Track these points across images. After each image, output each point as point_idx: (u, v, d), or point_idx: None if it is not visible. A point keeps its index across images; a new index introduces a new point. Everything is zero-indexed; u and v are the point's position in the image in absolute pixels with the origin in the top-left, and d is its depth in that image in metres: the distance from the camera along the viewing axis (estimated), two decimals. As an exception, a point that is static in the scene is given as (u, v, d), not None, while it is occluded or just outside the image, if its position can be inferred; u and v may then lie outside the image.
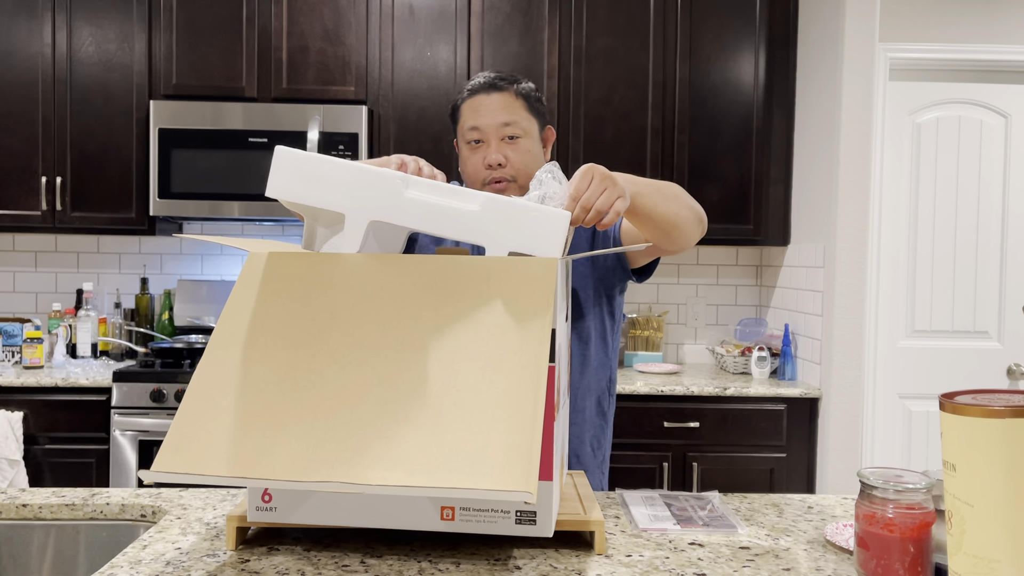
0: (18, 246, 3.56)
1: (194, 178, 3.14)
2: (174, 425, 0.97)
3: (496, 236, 1.13)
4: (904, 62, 3.22)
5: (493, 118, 1.55)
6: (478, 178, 1.56)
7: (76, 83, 3.19)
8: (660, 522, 1.28)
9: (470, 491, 0.89)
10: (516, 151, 1.55)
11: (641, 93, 3.27)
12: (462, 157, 1.61)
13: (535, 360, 0.99)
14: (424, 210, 1.14)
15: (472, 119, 1.56)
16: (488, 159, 1.54)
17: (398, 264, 1.12)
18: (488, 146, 1.55)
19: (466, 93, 1.60)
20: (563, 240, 1.12)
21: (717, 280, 3.67)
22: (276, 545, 1.16)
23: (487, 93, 1.56)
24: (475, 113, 1.56)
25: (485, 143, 1.55)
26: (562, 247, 1.12)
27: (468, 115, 1.57)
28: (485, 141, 1.55)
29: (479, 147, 1.56)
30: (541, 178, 1.26)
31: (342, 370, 1.01)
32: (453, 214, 1.13)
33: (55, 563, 1.32)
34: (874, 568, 1.02)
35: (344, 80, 3.22)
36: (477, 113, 1.56)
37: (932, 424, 3.27)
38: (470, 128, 1.56)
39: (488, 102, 1.56)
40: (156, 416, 2.89)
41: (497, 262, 1.10)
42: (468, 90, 1.59)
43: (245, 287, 1.10)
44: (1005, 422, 0.80)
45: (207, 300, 3.47)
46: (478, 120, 1.55)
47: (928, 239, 3.27)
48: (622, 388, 2.95)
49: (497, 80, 1.57)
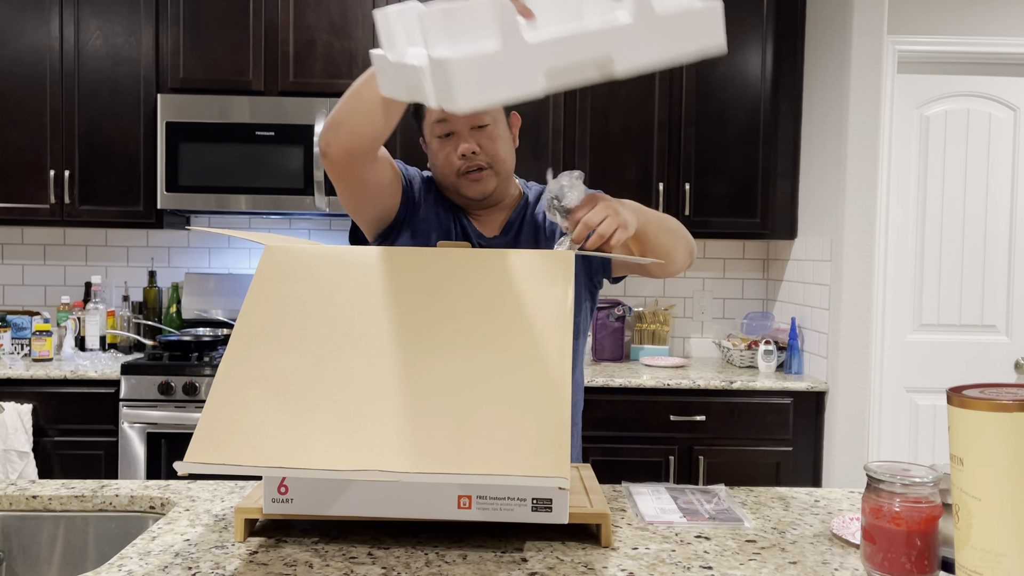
0: (27, 239, 3.57)
1: (201, 172, 3.15)
2: (204, 416, 0.98)
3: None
4: (912, 55, 3.20)
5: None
6: (451, 170, 1.54)
7: (84, 77, 3.20)
8: (666, 515, 1.29)
9: (505, 478, 0.90)
10: (488, 138, 1.53)
11: (648, 85, 3.26)
12: (432, 152, 1.58)
13: (559, 350, 1.01)
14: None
15: (438, 113, 1.52)
16: (460, 149, 1.52)
17: (416, 258, 1.13)
18: (459, 136, 1.52)
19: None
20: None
21: (724, 274, 3.67)
22: (284, 537, 1.16)
23: None
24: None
25: (455, 134, 1.53)
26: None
27: (433, 110, 1.51)
28: (455, 132, 1.53)
29: (449, 140, 1.53)
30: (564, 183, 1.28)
31: (368, 362, 1.02)
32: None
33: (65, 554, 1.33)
34: (880, 561, 1.02)
35: (351, 73, 3.22)
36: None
37: (939, 418, 3.27)
38: (437, 121, 1.53)
39: None
40: (164, 409, 2.90)
41: (514, 255, 1.11)
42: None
43: (265, 280, 1.11)
44: (1013, 416, 0.80)
45: (215, 293, 3.48)
46: (444, 112, 1.50)
47: (936, 233, 3.26)
48: (628, 381, 2.96)
49: None
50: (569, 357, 1.00)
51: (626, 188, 3.26)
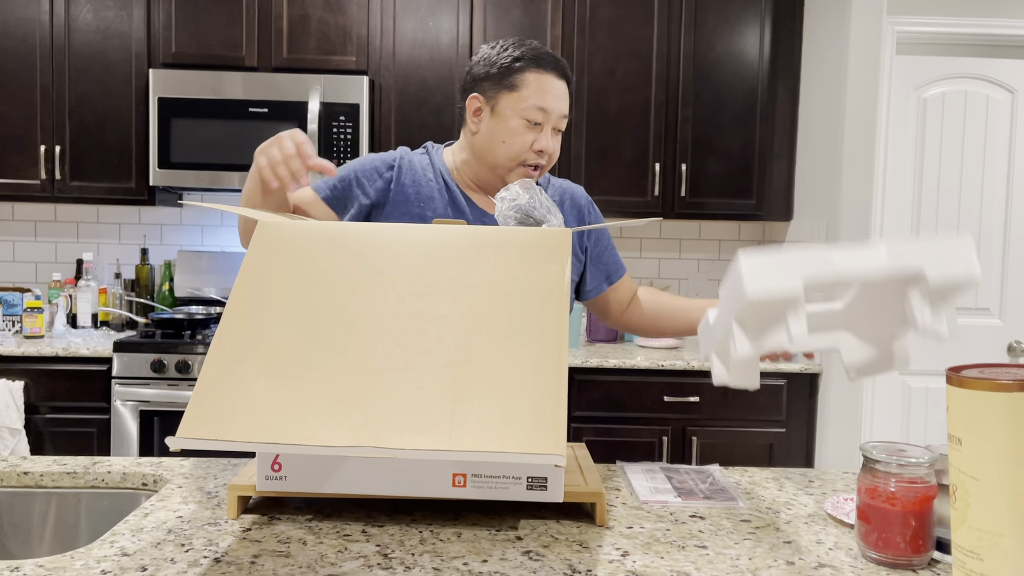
0: (17, 215, 3.54)
1: (194, 148, 3.12)
2: (196, 392, 0.97)
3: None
4: (911, 36, 3.18)
5: (559, 106, 1.49)
6: (518, 155, 1.50)
7: (74, 51, 3.16)
8: (661, 494, 1.28)
9: (501, 455, 0.90)
10: (557, 143, 1.52)
11: (645, 65, 3.23)
12: (504, 128, 1.49)
13: (555, 327, 1.00)
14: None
15: (542, 98, 1.47)
16: (539, 144, 1.49)
17: (412, 234, 1.12)
18: (543, 131, 1.49)
19: (530, 63, 1.48)
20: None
21: (719, 255, 3.66)
22: (277, 515, 1.16)
23: (557, 77, 1.49)
24: (545, 93, 1.48)
25: (541, 127, 1.49)
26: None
27: (538, 90, 1.47)
28: (542, 125, 1.49)
29: (533, 128, 1.49)
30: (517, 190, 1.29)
31: (363, 339, 1.01)
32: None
33: (56, 530, 1.33)
34: (875, 541, 1.02)
35: (345, 50, 3.19)
36: (548, 94, 1.48)
37: (932, 400, 3.28)
38: (537, 107, 1.47)
39: (558, 87, 1.49)
40: (157, 387, 2.89)
41: (512, 233, 1.10)
42: (532, 59, 1.48)
43: (258, 255, 1.10)
44: (1012, 396, 0.79)
45: (207, 271, 3.46)
46: (548, 102, 1.48)
47: (932, 215, 3.25)
48: (622, 362, 2.96)
49: (563, 67, 1.51)
50: (566, 335, 0.99)
51: (622, 168, 3.25)
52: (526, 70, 1.48)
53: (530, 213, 1.29)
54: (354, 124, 3.11)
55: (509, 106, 1.48)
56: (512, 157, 1.50)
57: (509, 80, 1.48)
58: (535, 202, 1.29)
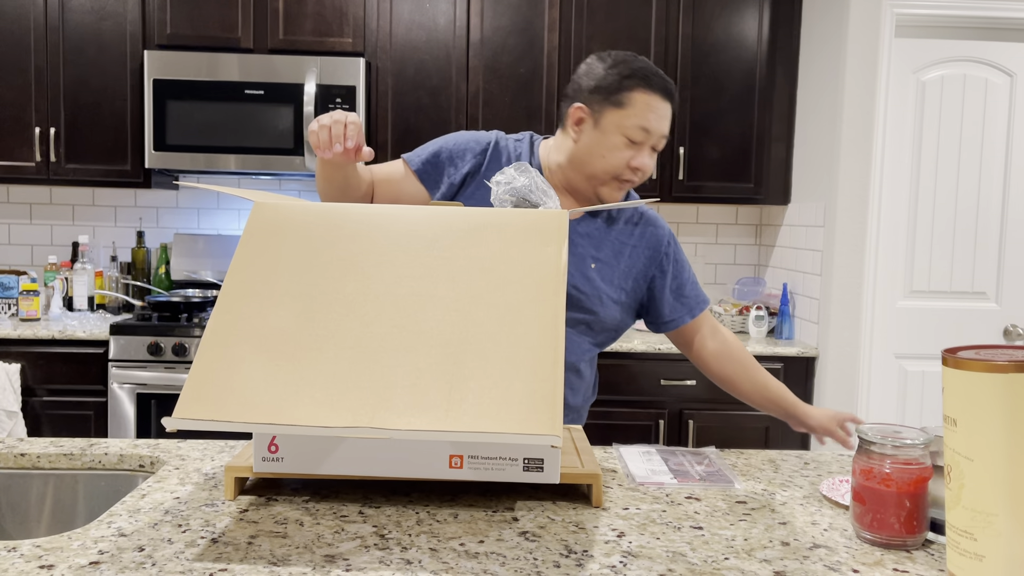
0: (12, 198, 3.53)
1: (190, 130, 3.11)
2: (192, 374, 0.97)
3: None
4: (910, 18, 3.17)
5: (662, 127, 1.50)
6: (615, 170, 1.51)
7: (69, 32, 3.14)
8: (657, 476, 1.29)
9: (498, 435, 0.90)
10: (653, 162, 1.53)
11: (643, 48, 3.22)
12: (605, 143, 1.50)
13: (552, 309, 1.00)
14: None
15: (646, 119, 1.48)
16: (636, 162, 1.50)
17: (409, 215, 1.11)
18: (642, 150, 1.50)
19: (641, 82, 1.49)
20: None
21: (716, 239, 3.66)
22: (274, 496, 1.16)
23: (664, 99, 1.50)
24: (651, 113, 1.49)
25: (641, 146, 1.50)
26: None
27: (643, 110, 1.48)
28: (643, 143, 1.50)
29: (632, 146, 1.50)
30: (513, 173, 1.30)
31: (360, 320, 1.01)
32: None
33: (54, 511, 1.33)
34: (870, 522, 1.03)
35: (342, 32, 3.17)
36: (654, 114, 1.49)
37: (927, 384, 3.29)
38: (642, 127, 1.48)
39: (663, 109, 1.50)
40: (154, 369, 2.89)
41: (509, 215, 1.10)
42: (643, 78, 1.49)
43: (253, 237, 1.09)
44: (1008, 376, 0.79)
45: (204, 254, 3.45)
46: (652, 123, 1.49)
47: (929, 199, 3.25)
48: (619, 346, 2.96)
49: (670, 88, 1.52)
50: (563, 316, 1.00)
51: (620, 151, 3.23)
52: (635, 89, 1.49)
53: (526, 196, 1.29)
54: (351, 106, 3.09)
55: (613, 122, 1.49)
56: (608, 171, 1.51)
57: (617, 97, 1.49)
58: (532, 185, 1.29)
